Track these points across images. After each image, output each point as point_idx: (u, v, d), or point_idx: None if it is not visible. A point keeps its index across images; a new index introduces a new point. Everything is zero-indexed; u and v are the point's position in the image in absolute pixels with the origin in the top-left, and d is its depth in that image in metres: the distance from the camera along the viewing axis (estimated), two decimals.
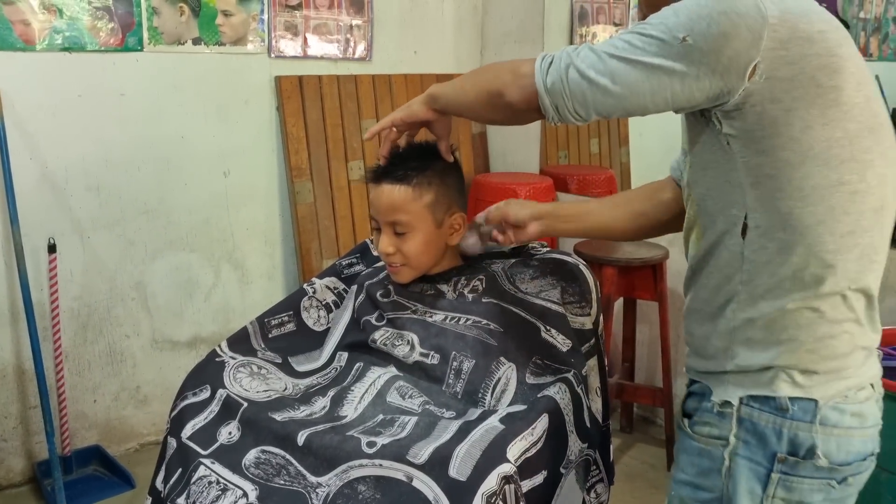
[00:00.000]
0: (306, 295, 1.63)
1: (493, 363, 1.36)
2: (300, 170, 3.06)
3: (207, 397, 1.41)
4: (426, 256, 1.48)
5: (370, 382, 1.39)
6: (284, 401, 1.39)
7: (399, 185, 1.43)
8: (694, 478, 1.15)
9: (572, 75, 1.07)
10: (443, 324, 1.43)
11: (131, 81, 2.69)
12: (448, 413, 1.33)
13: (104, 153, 2.68)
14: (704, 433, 1.14)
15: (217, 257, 3.01)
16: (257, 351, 1.53)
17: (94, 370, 2.79)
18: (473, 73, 1.26)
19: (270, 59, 2.99)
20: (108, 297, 2.77)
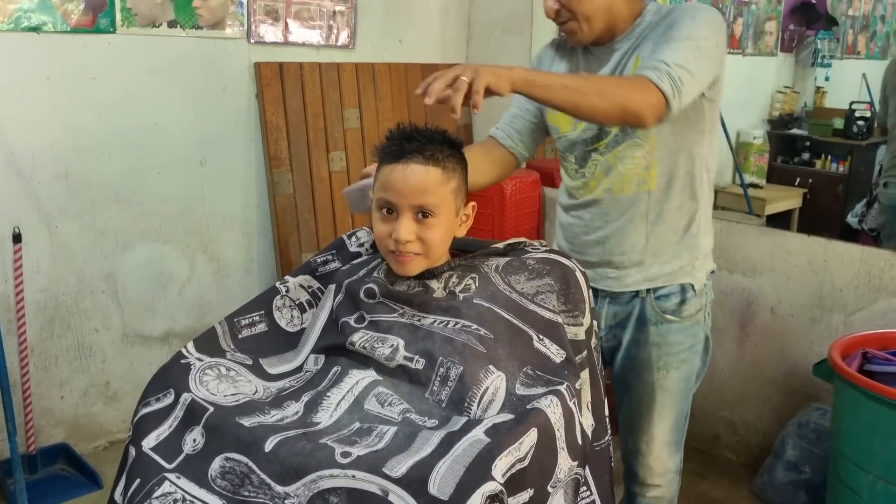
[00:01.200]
0: (279, 294, 1.54)
1: (481, 371, 1.27)
2: (279, 160, 2.96)
3: (171, 402, 1.31)
4: (444, 246, 1.41)
5: (348, 388, 1.30)
6: (254, 405, 1.29)
7: (431, 166, 1.33)
8: (689, 348, 1.73)
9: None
10: (431, 327, 1.34)
11: (103, 64, 2.58)
12: (430, 422, 1.24)
13: (73, 139, 2.56)
14: (692, 312, 1.72)
15: (192, 249, 2.90)
16: (226, 352, 1.44)
17: (61, 365, 2.68)
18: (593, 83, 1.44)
19: (250, 45, 2.89)
20: (77, 290, 2.67)
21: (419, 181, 1.32)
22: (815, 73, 5.70)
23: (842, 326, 2.53)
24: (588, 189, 1.69)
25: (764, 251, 2.69)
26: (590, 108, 1.41)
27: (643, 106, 1.42)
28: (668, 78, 1.43)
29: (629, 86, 1.44)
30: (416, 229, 1.35)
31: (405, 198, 1.33)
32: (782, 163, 5.51)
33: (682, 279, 1.70)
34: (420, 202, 1.33)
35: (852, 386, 1.89)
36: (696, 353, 1.75)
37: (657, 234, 1.67)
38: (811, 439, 2.49)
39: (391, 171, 1.34)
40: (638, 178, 1.64)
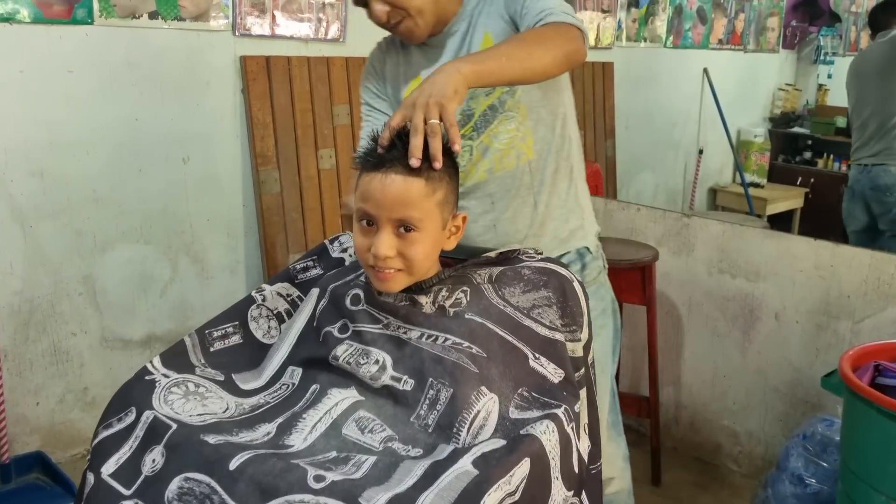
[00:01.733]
0: (254, 303, 1.43)
1: (473, 393, 1.17)
2: (266, 157, 2.85)
3: (132, 422, 1.21)
4: (429, 261, 1.28)
5: (326, 410, 1.19)
6: (221, 425, 1.19)
7: (412, 177, 1.21)
8: (602, 313, 1.67)
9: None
10: (418, 342, 1.23)
11: (80, 57, 2.46)
12: (414, 451, 1.14)
13: (49, 135, 2.45)
14: (595, 275, 1.68)
15: (174, 250, 2.79)
16: (196, 367, 1.33)
17: (36, 371, 2.57)
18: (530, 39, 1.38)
19: (235, 38, 2.78)
20: (53, 292, 2.55)
21: (400, 193, 1.21)
22: (818, 70, 5.60)
23: (849, 334, 2.44)
24: (467, 176, 1.61)
25: (768, 255, 2.59)
26: (542, 68, 1.38)
27: (578, 43, 1.41)
28: (567, 16, 1.43)
29: (555, 32, 1.40)
30: (396, 244, 1.23)
31: (385, 210, 1.22)
32: (783, 162, 5.42)
33: (576, 244, 1.67)
34: (401, 216, 1.22)
35: (864, 401, 1.79)
36: (608, 316, 1.71)
37: (544, 203, 1.62)
38: (817, 451, 2.39)
39: (370, 181, 1.22)
40: (516, 150, 1.58)
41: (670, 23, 4.53)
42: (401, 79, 1.67)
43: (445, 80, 1.23)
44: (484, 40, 1.55)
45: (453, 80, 1.23)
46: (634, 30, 4.35)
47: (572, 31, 1.41)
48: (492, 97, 1.56)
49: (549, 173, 1.62)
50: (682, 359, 2.88)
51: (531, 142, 1.60)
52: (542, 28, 1.42)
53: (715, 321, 2.76)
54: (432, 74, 1.25)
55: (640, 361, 2.87)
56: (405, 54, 1.66)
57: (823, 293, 2.48)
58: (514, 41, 1.39)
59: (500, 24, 1.54)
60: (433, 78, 1.24)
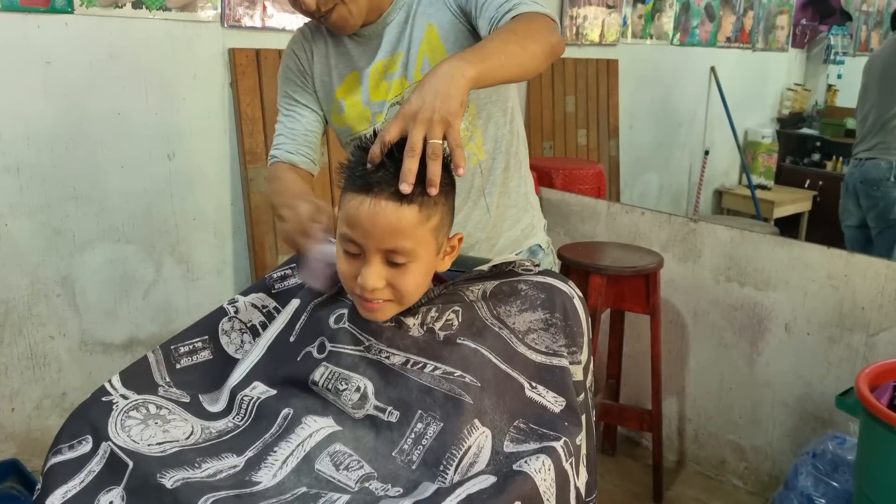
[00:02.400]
0: (226, 315, 1.32)
1: (465, 427, 1.04)
2: (255, 154, 2.73)
3: (87, 452, 1.10)
4: (421, 290, 1.16)
5: (299, 441, 1.08)
6: (183, 456, 1.07)
7: (404, 204, 1.06)
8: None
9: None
10: (403, 369, 1.11)
11: (59, 48, 2.34)
12: (394, 490, 1.02)
13: (25, 129, 2.33)
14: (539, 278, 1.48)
15: (158, 250, 2.68)
16: (159, 387, 1.22)
17: (11, 375, 2.46)
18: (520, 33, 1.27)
19: (224, 29, 2.66)
20: (29, 294, 2.44)
21: (389, 223, 1.06)
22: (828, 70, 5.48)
23: (863, 348, 2.32)
24: None
25: (779, 263, 2.47)
26: (535, 65, 1.28)
27: (557, 34, 1.33)
28: (538, 6, 1.35)
29: (539, 24, 1.31)
30: (386, 275, 1.10)
31: (374, 240, 1.08)
32: (791, 164, 5.30)
33: (528, 242, 1.63)
34: (391, 246, 1.08)
35: (883, 424, 1.68)
36: None
37: (495, 205, 1.57)
38: (827, 470, 2.28)
39: (358, 206, 1.07)
40: (467, 152, 1.45)
41: (677, 19, 4.41)
42: (333, 73, 1.56)
43: (450, 90, 1.08)
44: (427, 32, 1.47)
45: (458, 89, 1.09)
46: (640, 26, 4.23)
47: (549, 22, 1.33)
48: None
49: (499, 173, 1.56)
50: (687, 370, 2.77)
51: (481, 141, 1.53)
52: (522, 21, 1.30)
53: (722, 331, 2.64)
54: (431, 78, 1.10)
55: (643, 372, 2.76)
56: (335, 45, 1.55)
57: (836, 304, 2.36)
58: (505, 35, 1.26)
59: (446, 15, 1.46)
60: (434, 84, 1.09)
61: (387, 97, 1.52)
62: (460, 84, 1.10)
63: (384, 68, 1.52)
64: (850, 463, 2.14)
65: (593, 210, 2.97)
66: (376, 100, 1.53)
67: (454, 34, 1.46)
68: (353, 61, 1.54)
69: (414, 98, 1.08)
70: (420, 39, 1.47)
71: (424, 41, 1.47)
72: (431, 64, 1.45)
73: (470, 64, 1.13)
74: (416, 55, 1.48)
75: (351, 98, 1.54)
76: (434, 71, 1.12)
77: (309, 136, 1.60)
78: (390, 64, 1.51)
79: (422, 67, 1.47)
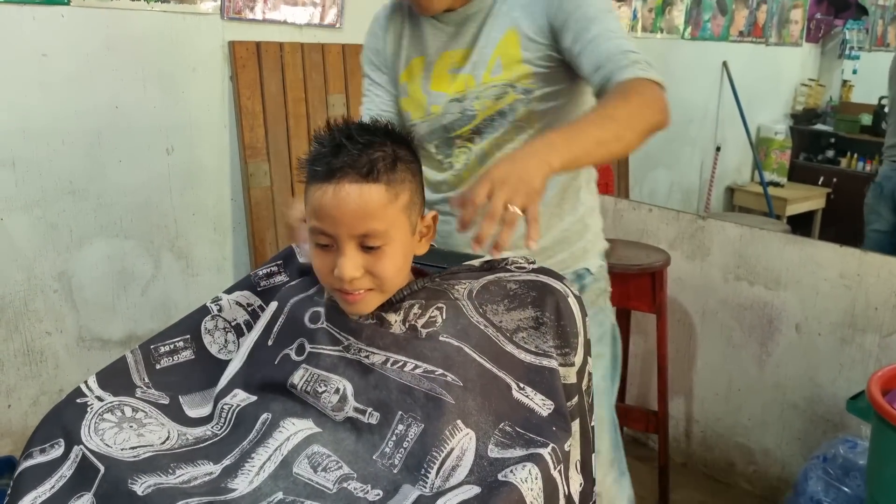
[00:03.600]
0: (209, 314, 1.27)
1: (447, 428, 1.00)
2: (255, 149, 2.69)
3: (59, 456, 1.06)
4: (399, 274, 1.11)
5: (276, 446, 1.03)
6: (157, 461, 1.03)
7: (369, 184, 1.04)
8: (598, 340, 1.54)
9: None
10: (383, 369, 1.06)
11: (55, 40, 2.31)
12: (373, 492, 0.98)
13: (21, 123, 2.30)
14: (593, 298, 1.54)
15: (157, 245, 2.65)
16: (137, 388, 1.18)
17: (8, 371, 2.43)
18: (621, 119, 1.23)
19: (224, 22, 2.62)
20: (26, 289, 2.41)
21: (357, 206, 1.03)
22: (843, 65, 5.38)
23: (876, 349, 2.25)
24: (461, 181, 1.49)
25: (790, 262, 2.40)
26: (626, 151, 1.28)
27: (664, 113, 1.28)
28: (646, 65, 1.29)
29: (639, 97, 1.26)
30: (362, 262, 1.06)
31: (343, 227, 1.04)
32: (805, 160, 5.21)
33: (575, 265, 1.54)
34: (363, 230, 1.05)
35: (895, 430, 1.61)
36: (606, 344, 1.57)
37: (542, 220, 1.42)
38: (838, 475, 2.22)
39: (321, 195, 1.04)
40: None
41: (688, 13, 4.33)
42: (401, 54, 1.53)
43: (535, 171, 1.09)
44: (507, 36, 1.40)
45: (541, 173, 1.09)
46: (651, 20, 4.16)
47: (659, 97, 1.27)
48: (502, 101, 1.42)
49: (553, 200, 1.49)
50: (695, 370, 2.70)
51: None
52: (630, 95, 1.25)
53: (730, 331, 2.58)
54: (520, 157, 1.11)
55: (650, 372, 2.70)
56: (412, 26, 1.51)
57: (849, 304, 2.29)
58: (602, 120, 1.22)
59: (532, 25, 1.38)
60: (523, 161, 1.10)
61: (448, 90, 1.46)
62: (544, 171, 1.10)
63: (453, 60, 1.46)
64: (861, 468, 2.08)
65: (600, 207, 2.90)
66: (436, 90, 1.47)
67: (535, 49, 1.40)
68: (423, 46, 1.49)
69: (502, 167, 1.09)
70: (497, 41, 1.41)
71: (501, 44, 1.41)
72: (503, 70, 1.40)
73: (557, 153, 1.13)
74: (490, 56, 1.42)
75: (413, 83, 1.51)
76: (524, 150, 1.13)
77: (384, 116, 1.54)
78: (460, 57, 1.45)
79: (493, 70, 1.41)
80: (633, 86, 1.27)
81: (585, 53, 1.33)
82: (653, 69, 1.29)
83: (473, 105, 1.43)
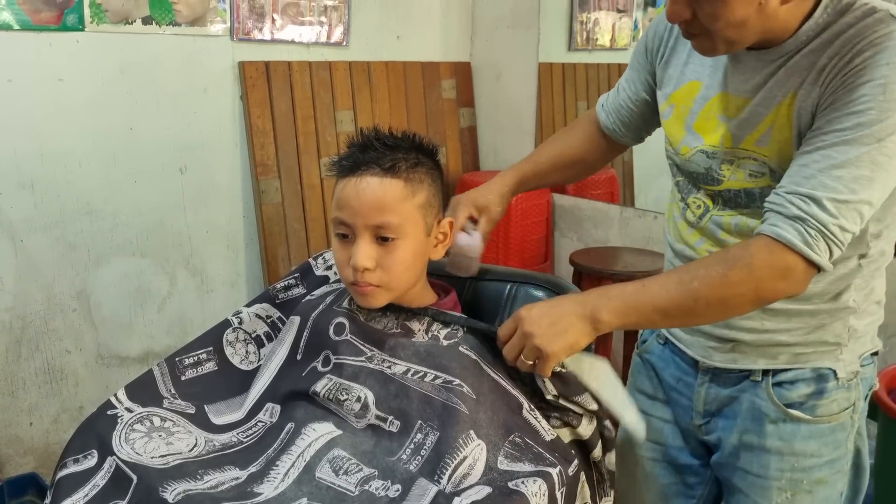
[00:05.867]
0: (230, 327, 1.32)
1: (461, 436, 1.04)
2: (266, 166, 2.75)
3: (93, 466, 1.10)
4: (411, 273, 1.17)
5: (299, 452, 1.08)
6: (186, 468, 1.08)
7: (389, 178, 1.12)
8: (829, 464, 1.21)
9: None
10: (404, 379, 1.11)
11: (71, 65, 2.38)
12: (393, 488, 1.02)
13: (39, 146, 2.37)
14: (834, 410, 1.20)
15: (172, 263, 2.70)
16: (164, 399, 1.22)
17: (29, 390, 2.49)
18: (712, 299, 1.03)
19: (233, 43, 2.68)
20: (46, 308, 2.47)
21: (376, 197, 1.11)
22: None
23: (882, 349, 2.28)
24: (698, 231, 1.24)
25: None
26: (709, 322, 1.14)
27: (782, 290, 1.03)
28: (816, 237, 0.99)
29: (749, 269, 1.00)
30: (375, 254, 1.13)
31: (361, 217, 1.12)
32: None
33: (817, 361, 1.19)
34: (378, 221, 1.12)
35: None
36: (838, 473, 1.23)
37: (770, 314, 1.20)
38: None
39: (345, 187, 1.13)
40: None
41: None
42: (670, 64, 1.25)
43: (569, 330, 1.01)
44: (788, 100, 1.07)
45: (577, 335, 1.02)
46: None
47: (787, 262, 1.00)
48: (757, 182, 1.12)
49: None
50: None
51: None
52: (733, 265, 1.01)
53: None
54: (564, 303, 1.05)
55: None
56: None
57: None
58: (681, 287, 1.02)
59: (810, 95, 1.05)
60: (560, 311, 1.03)
61: (705, 137, 1.17)
62: (581, 330, 1.02)
63: (725, 104, 1.15)
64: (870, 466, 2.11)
65: (606, 215, 2.95)
66: (698, 131, 1.19)
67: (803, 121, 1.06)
68: (707, 70, 1.18)
69: (536, 311, 1.04)
70: (777, 102, 1.09)
71: (776, 109, 1.09)
72: (771, 142, 1.09)
73: (609, 314, 1.02)
74: (761, 121, 1.10)
75: (679, 109, 1.23)
76: (573, 298, 1.06)
77: (623, 108, 1.39)
78: (734, 105, 1.14)
79: (758, 138, 1.11)
80: (753, 252, 1.01)
81: (794, 165, 1.04)
82: (817, 237, 0.99)
83: (723, 171, 1.16)
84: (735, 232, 1.17)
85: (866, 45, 1.00)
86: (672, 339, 1.33)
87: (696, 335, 1.26)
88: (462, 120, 3.30)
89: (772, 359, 1.20)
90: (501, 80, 3.26)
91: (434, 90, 3.19)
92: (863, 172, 0.98)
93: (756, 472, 1.23)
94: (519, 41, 3.15)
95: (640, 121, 1.39)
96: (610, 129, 1.43)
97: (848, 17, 1.03)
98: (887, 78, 0.98)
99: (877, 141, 0.98)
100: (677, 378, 1.33)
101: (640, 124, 1.40)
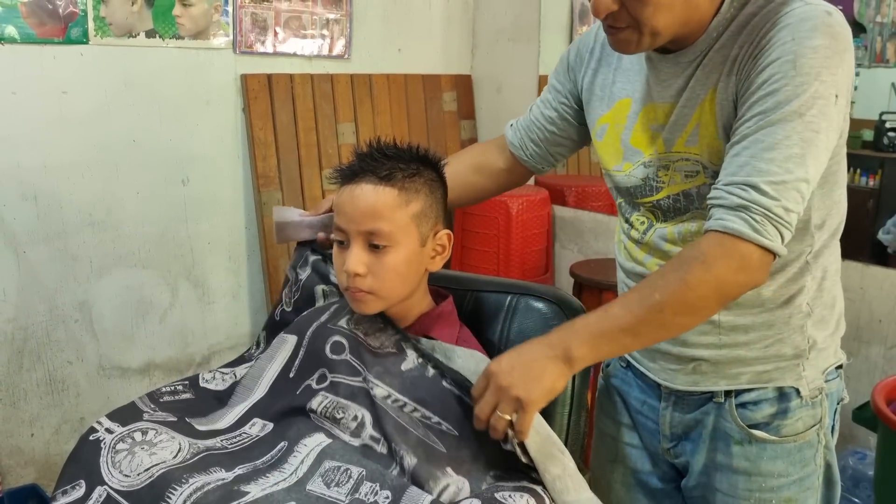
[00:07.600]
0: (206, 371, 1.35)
1: (438, 472, 1.06)
2: (268, 178, 2.76)
3: (80, 497, 1.08)
4: (402, 282, 1.17)
5: (292, 470, 1.08)
6: (170, 475, 1.07)
7: (383, 186, 1.14)
8: (796, 482, 1.20)
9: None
10: (384, 403, 1.12)
11: (75, 78, 2.39)
12: (382, 493, 1.02)
13: (42, 158, 2.38)
14: (799, 429, 1.19)
15: (174, 274, 2.71)
16: (144, 412, 1.21)
17: (31, 400, 2.49)
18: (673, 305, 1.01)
19: (236, 56, 2.70)
20: (48, 319, 2.48)
21: (368, 204, 1.13)
22: None
23: (881, 361, 2.29)
24: (648, 248, 1.23)
25: None
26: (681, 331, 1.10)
27: (743, 282, 1.02)
28: (763, 221, 0.99)
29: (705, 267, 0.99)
30: (367, 261, 1.14)
31: (354, 223, 1.14)
32: None
33: (780, 380, 1.19)
34: (371, 227, 1.13)
35: None
36: (808, 490, 1.21)
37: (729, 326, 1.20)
38: (848, 486, 2.25)
39: (342, 193, 1.16)
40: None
41: None
42: (596, 86, 1.27)
43: (543, 374, 0.99)
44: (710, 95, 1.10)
45: (552, 377, 0.99)
46: None
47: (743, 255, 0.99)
48: (693, 182, 1.13)
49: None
50: None
51: None
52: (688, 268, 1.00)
53: None
54: (533, 347, 1.02)
55: None
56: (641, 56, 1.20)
57: (853, 317, 2.33)
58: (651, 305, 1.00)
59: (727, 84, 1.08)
60: (531, 356, 1.00)
61: (644, 150, 1.19)
62: (556, 372, 0.99)
63: (654, 113, 1.17)
64: (871, 479, 2.11)
65: (606, 227, 2.96)
66: (635, 146, 1.20)
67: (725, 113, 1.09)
68: (634, 85, 1.20)
69: (506, 363, 1.02)
70: (700, 100, 1.11)
71: (700, 107, 1.11)
72: (699, 140, 1.11)
73: (580, 348, 1.00)
74: (688, 121, 1.13)
75: (614, 128, 1.23)
76: (540, 341, 1.03)
77: (535, 125, 1.38)
78: (660, 112, 1.17)
79: (687, 139, 1.12)
80: (705, 249, 1.01)
81: (727, 157, 1.05)
82: (764, 222, 0.99)
83: (659, 176, 1.17)
84: (679, 241, 1.18)
85: (770, 26, 1.03)
86: (633, 363, 1.32)
87: (656, 358, 1.25)
88: (463, 132, 3.32)
89: (733, 379, 1.20)
90: (502, 92, 3.28)
91: (435, 103, 3.21)
92: (793, 151, 0.99)
93: (725, 491, 1.23)
94: (519, 54, 3.17)
95: (548, 143, 1.38)
96: (516, 147, 1.41)
97: (750, 6, 1.08)
98: (795, 53, 1.00)
99: (799, 116, 0.99)
100: (642, 401, 1.32)
101: (547, 147, 1.39)
